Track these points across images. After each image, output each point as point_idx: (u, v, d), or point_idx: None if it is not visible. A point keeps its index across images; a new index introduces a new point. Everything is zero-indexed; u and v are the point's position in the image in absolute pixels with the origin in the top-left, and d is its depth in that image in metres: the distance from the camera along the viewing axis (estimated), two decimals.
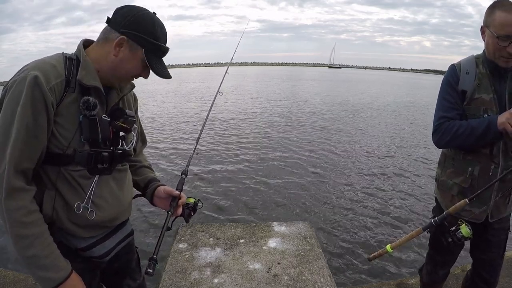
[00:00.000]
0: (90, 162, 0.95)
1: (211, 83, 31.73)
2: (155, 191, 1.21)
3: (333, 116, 12.19)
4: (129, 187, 1.14)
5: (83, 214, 0.95)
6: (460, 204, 1.30)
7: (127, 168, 1.13)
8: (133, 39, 0.94)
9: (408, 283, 2.37)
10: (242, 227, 2.53)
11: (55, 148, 0.91)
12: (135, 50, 0.95)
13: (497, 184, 1.37)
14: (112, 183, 1.03)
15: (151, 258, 0.99)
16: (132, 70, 0.99)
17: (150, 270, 0.95)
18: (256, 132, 9.15)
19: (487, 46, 1.34)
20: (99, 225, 1.02)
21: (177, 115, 12.09)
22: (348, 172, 5.99)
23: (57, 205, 0.94)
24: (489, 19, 1.29)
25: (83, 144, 0.94)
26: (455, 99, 1.40)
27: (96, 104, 0.93)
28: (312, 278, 1.93)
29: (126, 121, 1.01)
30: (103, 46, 0.96)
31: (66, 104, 0.91)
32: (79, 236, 1.01)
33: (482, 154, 1.38)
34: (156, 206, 1.23)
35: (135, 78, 1.04)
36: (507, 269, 2.29)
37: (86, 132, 0.93)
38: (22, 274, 2.38)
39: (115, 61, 0.95)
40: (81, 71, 0.93)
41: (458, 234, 1.28)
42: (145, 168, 1.30)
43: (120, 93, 1.08)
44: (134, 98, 1.23)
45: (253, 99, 17.24)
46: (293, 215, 4.26)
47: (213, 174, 5.71)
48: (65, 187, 0.94)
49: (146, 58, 0.96)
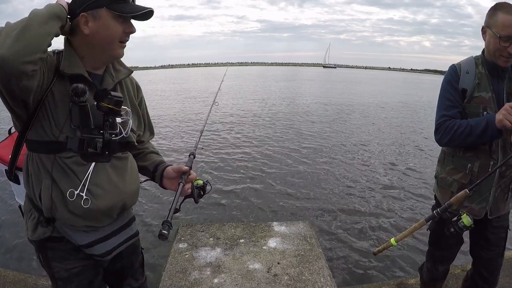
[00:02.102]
0: (82, 147, 0.95)
1: (213, 83, 31.78)
2: (164, 172, 1.20)
3: (333, 116, 12.19)
4: (132, 175, 1.11)
5: (77, 201, 0.95)
6: (461, 195, 1.31)
7: (128, 156, 1.11)
8: (90, 9, 0.94)
9: (408, 283, 2.37)
10: (242, 227, 2.52)
11: (50, 135, 0.93)
12: (98, 15, 0.94)
13: (496, 179, 1.39)
14: (110, 171, 1.02)
15: (165, 221, 0.97)
16: (112, 33, 0.97)
17: (164, 232, 0.93)
18: (256, 132, 9.14)
19: (488, 45, 1.38)
20: (97, 214, 1.00)
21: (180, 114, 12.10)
22: (348, 171, 5.99)
23: (54, 194, 0.95)
24: (491, 20, 1.33)
25: (74, 131, 0.95)
26: (455, 97, 1.43)
27: (85, 90, 0.93)
28: (312, 278, 1.92)
29: (111, 102, 0.96)
30: (76, 35, 0.97)
31: (57, 91, 0.93)
32: (79, 227, 1.00)
33: (481, 151, 1.40)
34: (166, 188, 1.21)
35: (124, 39, 1.01)
36: (507, 269, 2.29)
37: (76, 118, 0.94)
38: (22, 274, 2.38)
39: (90, 37, 0.96)
40: (64, 61, 0.95)
41: (460, 223, 1.30)
42: (153, 153, 1.29)
43: (114, 79, 1.07)
44: (137, 88, 1.22)
45: (252, 99, 17.24)
46: (293, 215, 4.26)
47: (213, 174, 5.71)
48: (60, 175, 0.95)
49: (111, 10, 0.94)
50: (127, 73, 1.13)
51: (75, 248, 1.03)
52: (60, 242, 1.02)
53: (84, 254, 1.04)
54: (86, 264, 1.06)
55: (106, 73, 1.07)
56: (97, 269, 1.11)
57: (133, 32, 1.01)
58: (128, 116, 1.08)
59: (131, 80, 1.19)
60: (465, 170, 1.44)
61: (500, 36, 1.28)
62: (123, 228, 1.12)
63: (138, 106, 1.20)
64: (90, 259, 1.07)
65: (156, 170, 1.22)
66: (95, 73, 1.03)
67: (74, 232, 1.00)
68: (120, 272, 1.24)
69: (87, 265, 1.06)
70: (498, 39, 1.29)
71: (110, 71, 1.08)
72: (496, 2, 1.36)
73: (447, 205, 1.33)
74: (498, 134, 1.29)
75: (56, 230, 1.01)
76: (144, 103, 1.26)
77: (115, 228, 1.09)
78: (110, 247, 1.08)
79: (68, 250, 1.03)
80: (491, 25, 1.33)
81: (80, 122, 0.94)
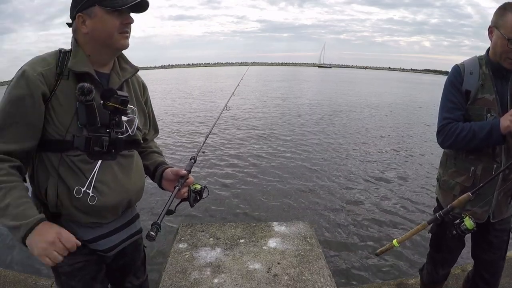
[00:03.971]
0: (88, 146, 0.96)
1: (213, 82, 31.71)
2: (163, 174, 1.21)
3: (331, 116, 12.18)
4: (137, 173, 1.13)
5: (84, 198, 0.96)
6: (463, 198, 1.30)
7: (133, 154, 1.12)
8: (84, 8, 0.96)
9: (408, 283, 2.36)
10: (242, 227, 2.52)
11: (55, 135, 0.94)
12: (93, 13, 0.96)
13: (499, 183, 1.37)
14: (116, 168, 1.03)
15: (154, 223, 0.98)
16: (109, 28, 0.98)
17: (152, 233, 0.94)
18: (256, 133, 9.14)
19: (494, 46, 1.33)
20: (102, 210, 1.02)
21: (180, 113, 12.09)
22: (348, 172, 5.98)
23: (60, 191, 0.96)
24: (500, 21, 1.28)
25: (81, 130, 0.96)
26: (458, 99, 1.40)
27: (91, 89, 0.94)
28: (312, 278, 1.92)
29: (118, 101, 0.98)
30: (78, 35, 1.00)
31: (62, 92, 0.95)
32: (84, 223, 1.01)
33: (485, 153, 1.38)
34: (164, 189, 1.23)
35: (123, 30, 1.01)
36: (507, 269, 2.28)
37: (82, 117, 0.95)
38: (22, 274, 2.37)
39: (90, 35, 0.98)
40: (71, 59, 0.97)
41: (462, 226, 1.29)
42: (155, 153, 1.31)
43: (121, 78, 1.08)
44: (143, 87, 1.24)
45: (252, 98, 17.23)
46: (293, 215, 4.25)
47: (213, 174, 5.71)
48: (67, 173, 0.96)
49: (103, 7, 0.95)
50: (133, 72, 1.14)
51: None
52: None
53: (87, 250, 1.05)
54: (89, 260, 1.07)
55: (113, 71, 1.08)
56: (100, 264, 1.12)
57: (131, 23, 1.02)
58: (134, 114, 1.10)
59: (137, 78, 1.21)
60: (468, 173, 1.42)
61: (509, 39, 1.23)
62: (127, 224, 1.14)
63: (144, 104, 1.21)
64: (94, 255, 1.08)
65: (156, 171, 1.24)
66: (102, 72, 1.04)
67: (79, 227, 1.02)
68: (123, 269, 1.25)
69: (90, 261, 1.07)
70: (506, 41, 1.24)
71: (117, 70, 1.10)
72: (495, 1, 1.33)
73: (450, 208, 1.32)
74: (502, 140, 1.27)
75: (61, 225, 1.01)
76: (150, 101, 1.28)
77: (119, 224, 1.11)
78: (114, 243, 1.09)
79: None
80: (499, 26, 1.28)
81: (87, 120, 0.95)
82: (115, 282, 1.27)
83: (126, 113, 1.04)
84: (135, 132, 1.09)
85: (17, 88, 0.91)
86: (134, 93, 1.16)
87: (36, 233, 0.85)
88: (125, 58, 1.14)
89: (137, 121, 1.10)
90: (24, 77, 0.91)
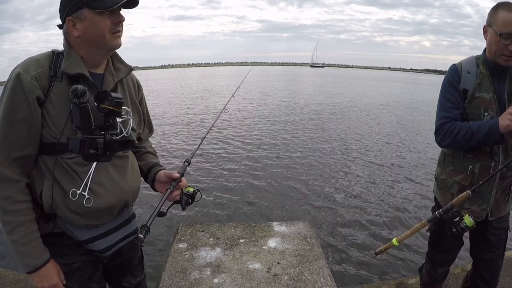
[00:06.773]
0: (83, 148, 0.96)
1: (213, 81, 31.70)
2: (156, 176, 1.21)
3: (330, 116, 12.18)
4: (133, 173, 1.13)
5: (80, 200, 0.96)
6: (463, 196, 1.30)
7: (128, 155, 1.12)
8: (73, 12, 0.95)
9: (408, 283, 2.37)
10: (242, 227, 2.52)
11: (50, 138, 0.94)
12: (82, 16, 0.94)
13: (497, 181, 1.38)
14: (111, 170, 1.03)
15: (143, 225, 0.98)
16: (100, 29, 0.97)
17: (141, 236, 0.95)
18: (256, 133, 9.14)
19: (489, 44, 1.36)
20: (98, 212, 1.01)
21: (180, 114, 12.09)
22: (348, 172, 5.99)
23: (55, 193, 0.96)
24: (492, 19, 1.32)
25: (75, 132, 0.96)
26: (456, 98, 1.41)
27: (84, 91, 0.94)
28: (312, 278, 1.92)
29: (112, 103, 0.97)
30: (70, 37, 0.99)
31: (56, 94, 0.94)
32: (80, 225, 1.01)
33: (483, 152, 1.38)
34: (157, 191, 1.23)
35: (115, 30, 1.00)
36: (507, 269, 2.29)
37: (76, 119, 0.95)
38: (22, 274, 2.37)
39: (82, 38, 0.97)
40: (65, 61, 0.96)
41: (462, 224, 1.30)
42: (149, 154, 1.30)
43: (115, 78, 1.07)
44: (138, 86, 1.23)
45: (251, 99, 17.23)
46: (293, 215, 4.26)
47: (213, 174, 5.71)
48: (62, 175, 0.96)
49: (92, 9, 0.94)
50: (128, 71, 1.13)
51: (75, 244, 1.04)
52: (61, 237, 1.03)
53: (84, 250, 1.05)
54: (86, 260, 1.07)
55: (107, 71, 1.07)
56: (96, 265, 1.12)
57: (123, 21, 1.01)
58: (129, 115, 1.09)
59: (131, 78, 1.20)
60: (466, 171, 1.43)
61: (501, 34, 1.26)
62: (124, 224, 1.13)
63: (138, 104, 1.21)
64: (90, 255, 1.07)
65: (149, 172, 1.24)
66: (96, 72, 1.03)
67: (75, 228, 1.01)
68: (120, 269, 1.24)
69: (86, 261, 1.07)
70: (498, 37, 1.27)
71: (111, 70, 1.08)
72: (495, 1, 1.35)
73: (449, 207, 1.32)
74: (501, 140, 1.28)
75: (57, 226, 1.02)
76: (144, 101, 1.27)
77: (115, 224, 1.10)
78: (110, 243, 1.08)
79: (69, 245, 1.04)
80: (492, 23, 1.32)
81: (81, 123, 0.95)
82: (113, 281, 1.27)
83: (121, 114, 1.03)
84: (130, 133, 1.09)
85: (13, 94, 0.90)
86: (129, 92, 1.15)
87: (42, 273, 0.97)
88: (119, 57, 1.13)
89: (131, 122, 1.09)
90: (19, 81, 0.90)
